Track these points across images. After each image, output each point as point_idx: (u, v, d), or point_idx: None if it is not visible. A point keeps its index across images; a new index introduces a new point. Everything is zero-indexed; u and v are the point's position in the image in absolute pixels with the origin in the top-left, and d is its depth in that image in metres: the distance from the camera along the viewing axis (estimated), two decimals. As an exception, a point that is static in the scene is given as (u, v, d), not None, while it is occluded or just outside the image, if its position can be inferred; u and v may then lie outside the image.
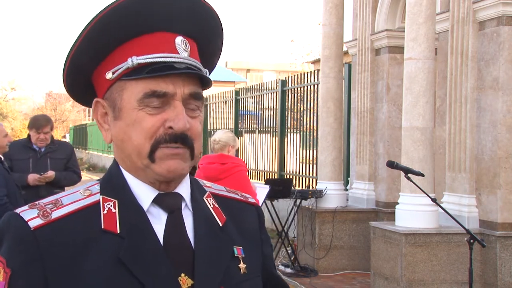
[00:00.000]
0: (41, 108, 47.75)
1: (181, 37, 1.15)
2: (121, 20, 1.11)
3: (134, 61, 1.11)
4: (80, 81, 1.20)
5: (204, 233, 1.17)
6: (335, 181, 8.25)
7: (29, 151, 5.64)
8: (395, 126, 7.85)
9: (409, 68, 6.25)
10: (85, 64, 1.16)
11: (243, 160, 5.63)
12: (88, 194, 1.15)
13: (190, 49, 1.16)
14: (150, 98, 1.11)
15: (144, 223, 1.12)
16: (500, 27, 6.02)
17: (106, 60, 1.15)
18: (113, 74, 1.14)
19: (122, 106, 1.14)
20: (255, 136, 12.98)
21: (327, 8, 8.40)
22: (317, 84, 9.51)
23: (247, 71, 51.99)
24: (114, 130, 1.17)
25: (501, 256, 5.93)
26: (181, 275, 1.11)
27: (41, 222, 1.08)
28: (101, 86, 1.18)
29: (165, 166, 1.12)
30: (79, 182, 5.98)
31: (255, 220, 1.32)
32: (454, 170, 6.42)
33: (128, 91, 1.13)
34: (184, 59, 1.14)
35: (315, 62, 26.02)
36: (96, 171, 27.30)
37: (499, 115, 6.00)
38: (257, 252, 1.27)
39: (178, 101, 1.12)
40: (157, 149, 1.11)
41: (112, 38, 1.13)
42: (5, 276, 1.05)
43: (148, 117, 1.11)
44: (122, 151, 1.16)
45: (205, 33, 1.21)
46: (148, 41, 1.13)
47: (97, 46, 1.14)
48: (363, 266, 7.73)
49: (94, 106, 1.20)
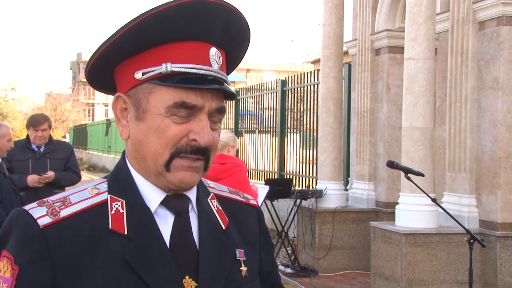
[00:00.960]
0: (41, 108, 47.74)
1: (215, 48, 1.16)
2: (163, 24, 1.11)
3: (168, 68, 1.11)
4: (103, 71, 1.19)
5: (208, 236, 1.18)
6: (335, 181, 8.25)
7: (28, 152, 5.61)
8: (395, 126, 7.85)
9: (409, 68, 6.25)
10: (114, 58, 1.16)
11: (242, 160, 5.62)
12: (96, 193, 1.15)
13: (222, 61, 1.17)
14: (179, 108, 1.11)
15: (151, 225, 1.13)
16: (500, 27, 6.02)
17: (136, 58, 1.14)
18: (142, 75, 1.13)
19: (148, 109, 1.13)
20: (255, 136, 12.97)
21: (327, 8, 8.40)
22: (317, 84, 9.51)
23: (247, 71, 52.00)
24: (134, 130, 1.16)
25: (501, 256, 5.92)
26: (186, 277, 1.12)
27: (50, 221, 1.08)
28: (125, 82, 1.17)
29: (179, 177, 1.13)
30: (79, 182, 5.97)
31: (256, 222, 1.33)
32: (454, 170, 6.42)
33: (156, 96, 1.12)
34: (215, 73, 1.14)
35: (315, 62, 26.02)
36: (96, 171, 27.29)
37: (499, 115, 6.00)
38: (256, 255, 1.29)
39: (205, 114, 1.13)
40: (176, 159, 1.12)
41: (150, 39, 1.12)
42: (13, 273, 1.05)
43: (174, 126, 1.11)
44: (138, 152, 1.16)
45: (236, 45, 1.22)
46: (183, 49, 1.13)
47: (134, 42, 1.13)
48: (363, 266, 7.74)
49: (115, 100, 1.19)
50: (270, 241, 1.37)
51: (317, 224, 7.89)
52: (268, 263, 1.33)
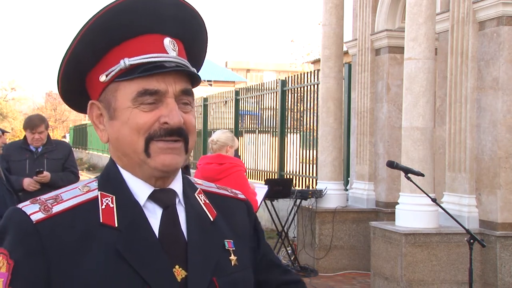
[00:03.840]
0: (41, 108, 47.80)
1: (169, 38, 1.20)
2: (111, 25, 1.16)
3: (127, 63, 1.16)
4: (75, 86, 1.24)
5: (196, 227, 1.21)
6: (335, 181, 8.25)
7: (25, 152, 5.60)
8: (395, 126, 7.85)
9: (409, 68, 6.25)
10: (79, 67, 1.20)
11: (241, 160, 5.62)
12: (86, 190, 1.19)
13: (178, 49, 1.22)
14: (143, 96, 1.15)
15: (141, 218, 1.17)
16: (500, 27, 6.02)
17: (99, 63, 1.20)
18: (106, 77, 1.18)
19: (117, 106, 1.18)
20: (255, 136, 12.97)
21: (327, 8, 8.40)
22: (317, 84, 9.51)
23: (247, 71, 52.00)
24: (110, 129, 1.21)
25: (501, 256, 5.92)
26: (176, 267, 1.15)
27: (42, 216, 1.12)
28: (95, 89, 1.22)
29: (160, 161, 1.16)
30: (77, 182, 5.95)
31: (245, 215, 1.36)
32: (454, 170, 6.42)
33: (121, 92, 1.17)
34: (173, 58, 1.19)
35: (315, 62, 26.02)
36: (96, 171, 27.28)
37: (499, 115, 6.00)
38: (247, 246, 1.31)
39: (171, 98, 1.17)
40: (151, 143, 1.16)
41: (105, 41, 1.18)
42: (8, 267, 1.08)
43: (142, 114, 1.16)
44: (118, 149, 1.20)
45: (190, 34, 1.26)
46: (138, 43, 1.18)
47: (92, 49, 1.18)
48: (363, 266, 7.73)
49: (90, 108, 1.24)
50: (260, 228, 1.40)
51: (317, 224, 7.89)
52: (260, 249, 1.37)
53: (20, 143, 5.75)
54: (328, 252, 7.82)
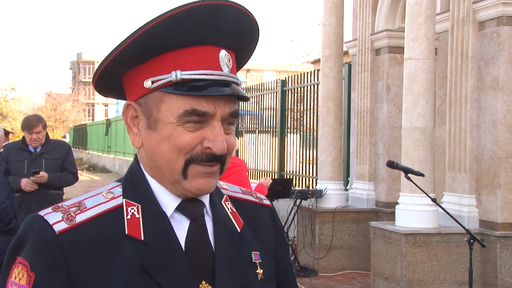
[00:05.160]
0: (41, 108, 47.78)
1: (225, 51, 1.13)
2: (171, 30, 1.09)
3: (178, 76, 1.09)
4: (112, 78, 1.18)
5: (223, 240, 1.17)
6: (335, 181, 8.25)
7: (24, 153, 5.59)
8: (395, 126, 7.85)
9: (409, 68, 6.25)
10: (121, 66, 1.14)
11: (243, 160, 5.62)
12: (111, 197, 1.13)
13: (232, 64, 1.15)
14: (190, 116, 1.09)
15: (168, 230, 1.12)
16: (500, 27, 6.02)
17: (146, 64, 1.12)
18: (152, 84, 1.11)
19: (159, 119, 1.11)
20: (255, 136, 12.97)
21: (327, 8, 8.40)
22: (317, 84, 9.51)
23: (247, 71, 51.99)
24: (147, 139, 1.14)
25: (501, 256, 5.92)
26: (202, 283, 1.11)
27: (65, 226, 1.06)
28: (135, 90, 1.15)
29: (196, 185, 1.11)
30: (75, 183, 5.95)
31: (270, 222, 1.31)
32: (454, 170, 6.42)
33: (167, 104, 1.10)
34: (226, 76, 1.11)
35: (315, 62, 26.02)
36: (96, 171, 27.28)
37: (499, 115, 6.00)
38: (272, 256, 1.27)
39: (218, 121, 1.10)
40: (191, 165, 1.10)
41: (158, 46, 1.10)
42: (29, 280, 1.04)
43: (186, 134, 1.09)
44: (152, 161, 1.14)
45: (246, 45, 1.19)
46: (193, 54, 1.10)
47: (142, 50, 1.11)
48: (363, 266, 7.73)
49: (125, 108, 1.17)
50: (285, 241, 1.35)
51: (317, 224, 7.89)
52: (284, 263, 1.31)
53: (19, 143, 5.75)
54: (328, 252, 7.82)
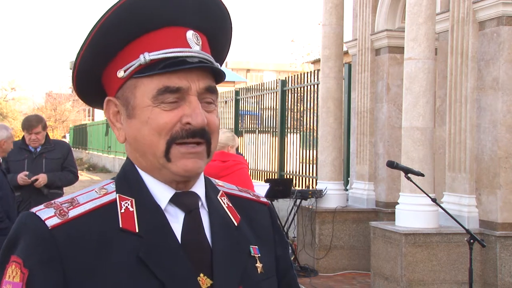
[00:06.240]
0: (41, 108, 47.78)
1: (192, 31, 1.13)
2: (129, 18, 1.09)
3: (147, 58, 1.09)
4: (90, 83, 1.17)
5: (221, 233, 1.15)
6: (335, 181, 8.25)
7: (24, 152, 5.61)
8: (395, 126, 7.85)
9: (409, 68, 6.25)
10: (94, 65, 1.14)
11: (244, 158, 5.62)
12: (104, 193, 1.12)
13: (202, 43, 1.14)
14: (164, 94, 1.08)
15: (163, 222, 1.10)
16: (500, 27, 6.02)
17: (116, 58, 1.12)
18: (124, 72, 1.11)
19: (136, 104, 1.11)
20: (255, 136, 12.98)
21: (327, 8, 8.40)
22: (317, 84, 9.51)
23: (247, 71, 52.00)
24: (128, 129, 1.13)
25: (501, 256, 5.92)
26: (200, 275, 1.09)
27: (58, 221, 1.05)
28: (112, 85, 1.15)
29: (182, 166, 1.10)
30: (76, 182, 5.96)
31: (268, 220, 1.30)
32: (454, 170, 6.42)
33: (141, 89, 1.10)
34: (197, 53, 1.11)
35: (315, 62, 26.03)
36: (96, 171, 27.28)
37: (499, 115, 6.00)
38: (271, 253, 1.25)
39: (194, 96, 1.10)
40: (173, 147, 1.09)
41: (121, 37, 1.10)
42: (22, 277, 1.02)
43: (164, 113, 1.09)
44: (137, 150, 1.13)
45: (215, 26, 1.18)
46: (159, 36, 1.10)
47: (106, 46, 1.11)
48: (363, 266, 7.73)
49: (106, 105, 1.17)
50: (285, 239, 1.33)
51: (317, 224, 7.89)
52: (285, 260, 1.29)
53: (19, 143, 5.76)
54: (328, 252, 7.82)
